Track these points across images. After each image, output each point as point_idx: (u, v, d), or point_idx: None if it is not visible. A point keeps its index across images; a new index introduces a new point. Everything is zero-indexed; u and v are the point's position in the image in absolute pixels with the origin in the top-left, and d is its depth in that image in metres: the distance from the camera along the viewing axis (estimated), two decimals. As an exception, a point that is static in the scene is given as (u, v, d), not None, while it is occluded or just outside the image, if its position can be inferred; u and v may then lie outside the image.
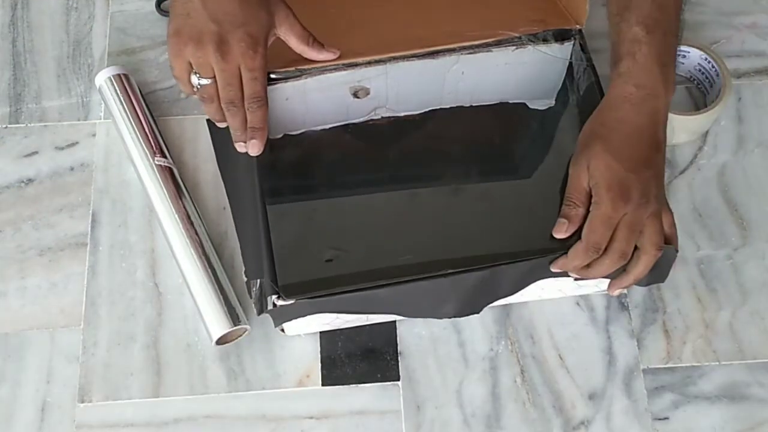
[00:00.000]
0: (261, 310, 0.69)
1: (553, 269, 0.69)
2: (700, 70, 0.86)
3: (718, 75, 0.83)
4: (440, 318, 0.74)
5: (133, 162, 0.79)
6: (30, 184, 0.81)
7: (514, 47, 0.76)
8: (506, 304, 0.77)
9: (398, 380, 0.74)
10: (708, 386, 0.75)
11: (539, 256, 0.69)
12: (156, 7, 0.89)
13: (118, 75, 0.82)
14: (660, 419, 0.74)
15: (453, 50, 0.75)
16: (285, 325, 0.72)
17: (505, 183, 0.81)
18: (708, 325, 0.77)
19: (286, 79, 0.73)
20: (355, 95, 0.77)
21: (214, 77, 0.68)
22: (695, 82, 0.87)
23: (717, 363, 0.76)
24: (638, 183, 0.66)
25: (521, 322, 0.77)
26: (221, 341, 0.73)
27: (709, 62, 0.84)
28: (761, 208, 0.82)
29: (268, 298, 0.68)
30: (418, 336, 0.76)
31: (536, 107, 0.83)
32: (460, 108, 0.81)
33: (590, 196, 0.67)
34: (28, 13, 0.89)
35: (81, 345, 0.75)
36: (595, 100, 0.75)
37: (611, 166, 0.66)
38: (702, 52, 0.84)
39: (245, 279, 0.75)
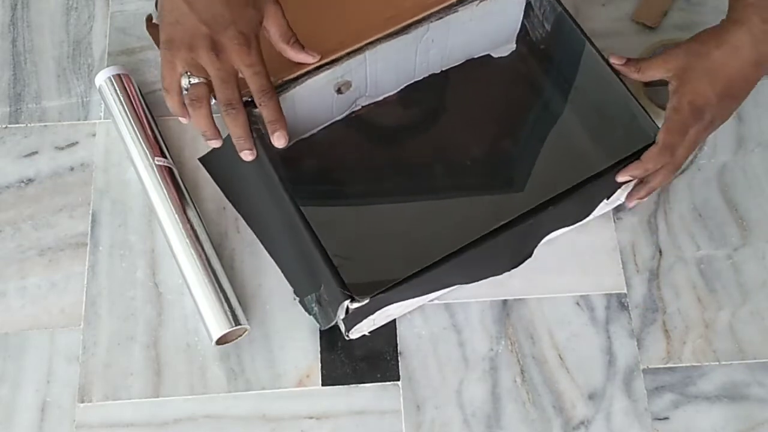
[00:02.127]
0: (331, 319, 0.68)
1: (620, 178, 0.71)
2: (700, 70, 0.86)
3: (718, 75, 0.83)
4: (500, 274, 0.75)
5: (133, 162, 0.79)
6: (30, 184, 0.81)
7: (478, 1, 0.76)
8: (505, 302, 0.77)
9: (398, 380, 0.74)
10: (708, 386, 0.75)
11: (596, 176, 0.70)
12: (156, 7, 0.89)
13: (118, 75, 0.82)
14: (660, 419, 0.74)
15: (423, 20, 0.76)
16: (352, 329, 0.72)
17: (500, 172, 0.82)
18: (708, 325, 0.77)
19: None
20: (338, 91, 0.77)
21: (206, 77, 0.68)
22: (695, 82, 0.88)
23: (717, 363, 0.76)
24: (717, 108, 0.71)
25: (521, 322, 0.77)
26: (221, 341, 0.73)
27: (709, 62, 0.84)
28: (761, 208, 0.82)
29: (341, 305, 0.65)
30: (418, 336, 0.76)
31: (500, 54, 0.84)
32: (432, 76, 0.82)
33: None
34: (28, 13, 0.89)
35: (81, 345, 0.75)
36: (568, 28, 0.76)
37: (704, 90, 0.71)
38: (702, 52, 0.84)
39: (296, 299, 0.74)
